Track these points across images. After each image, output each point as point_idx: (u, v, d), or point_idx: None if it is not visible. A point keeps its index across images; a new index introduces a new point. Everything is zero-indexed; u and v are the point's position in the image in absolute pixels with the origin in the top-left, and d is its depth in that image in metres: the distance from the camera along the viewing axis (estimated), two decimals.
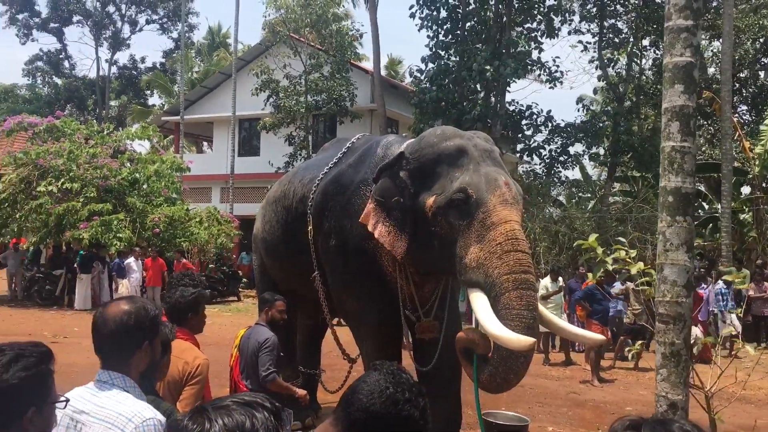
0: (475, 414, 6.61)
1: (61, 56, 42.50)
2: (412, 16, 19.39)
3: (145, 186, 18.45)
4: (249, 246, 21.05)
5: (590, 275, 8.30)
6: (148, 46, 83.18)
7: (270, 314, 5.19)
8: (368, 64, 26.59)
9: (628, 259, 4.08)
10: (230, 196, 23.46)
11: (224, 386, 7.87)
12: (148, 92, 41.74)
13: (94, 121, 26.34)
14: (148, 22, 42.00)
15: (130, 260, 15.61)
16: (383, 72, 24.79)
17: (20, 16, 40.44)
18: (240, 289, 19.88)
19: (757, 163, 16.95)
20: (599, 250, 4.18)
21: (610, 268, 4.36)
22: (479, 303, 4.21)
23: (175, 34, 41.27)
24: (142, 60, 42.82)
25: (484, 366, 4.19)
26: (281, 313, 5.23)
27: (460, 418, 5.52)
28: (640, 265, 4.13)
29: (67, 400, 1.89)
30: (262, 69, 22.05)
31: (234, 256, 22.00)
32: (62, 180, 16.88)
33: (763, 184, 18.19)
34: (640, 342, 8.26)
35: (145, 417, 1.97)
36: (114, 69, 42.15)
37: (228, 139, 24.51)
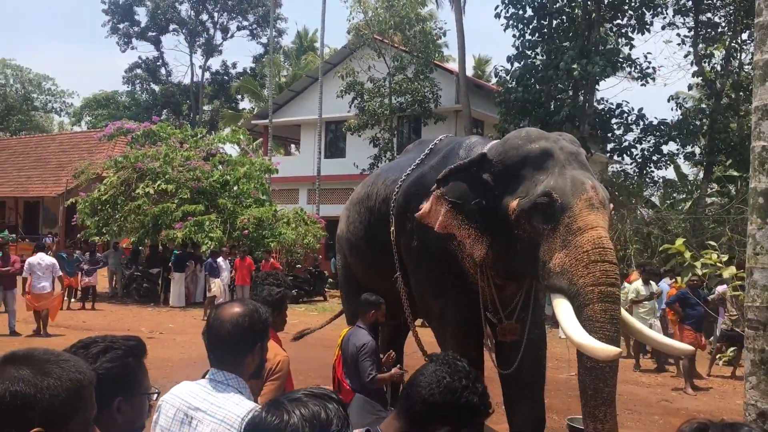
0: (561, 418, 6.51)
1: (158, 63, 44.61)
2: (498, 15, 19.18)
3: (235, 188, 19.09)
4: (334, 247, 21.50)
5: (679, 279, 7.96)
6: (239, 51, 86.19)
7: (373, 316, 5.22)
8: (453, 65, 26.51)
9: (719, 263, 3.91)
10: (317, 198, 23.90)
11: (303, 384, 8.07)
12: (239, 97, 43.18)
13: (188, 125, 27.48)
14: (238, 29, 43.51)
15: (219, 259, 16.20)
16: (470, 72, 24.66)
17: (121, 26, 42.65)
18: (326, 289, 20.22)
19: None
20: (687, 254, 4.02)
21: (700, 272, 4.19)
22: (563, 310, 4.18)
23: (264, 40, 42.55)
24: (233, 65, 44.38)
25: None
26: (384, 316, 5.30)
27: (544, 422, 5.43)
28: (732, 269, 3.96)
29: (158, 392, 1.95)
30: (347, 71, 22.35)
31: (320, 256, 22.42)
32: (158, 182, 17.70)
33: None
34: (733, 348, 7.84)
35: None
36: (207, 75, 43.91)
37: (314, 142, 25.00)
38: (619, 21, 19.30)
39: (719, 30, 19.77)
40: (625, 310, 4.57)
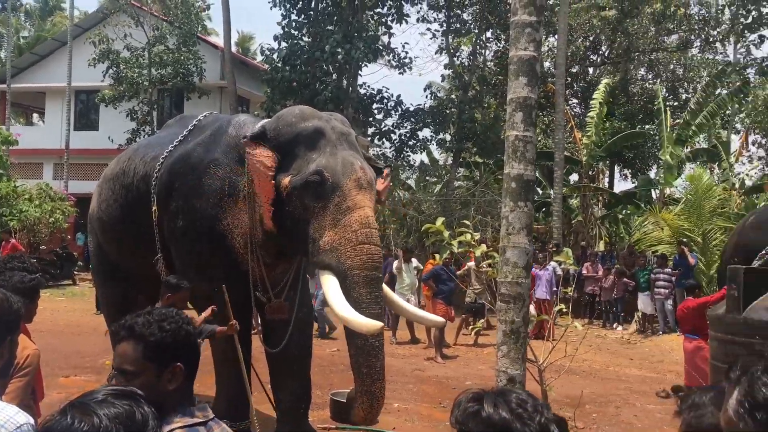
0: (324, 394, 6.69)
1: None
2: None
3: None
4: (85, 226, 19.91)
5: (437, 256, 8.70)
6: None
7: (169, 300, 4.82)
8: (217, 39, 25.77)
9: (473, 242, 4.29)
10: (65, 173, 21.88)
11: (57, 375, 7.41)
12: None
13: None
14: None
15: None
16: (234, 48, 24.09)
17: None
18: (75, 272, 18.65)
19: (584, 152, 18.35)
20: (446, 234, 4.36)
21: (456, 250, 4.57)
22: (331, 286, 4.36)
23: None
24: None
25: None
26: (185, 302, 4.92)
27: (309, 397, 5.57)
28: (483, 247, 4.38)
29: None
30: (100, 38, 20.66)
31: (68, 236, 20.60)
32: None
33: (590, 172, 19.76)
34: (481, 321, 8.69)
35: (18, 422, 1.77)
36: None
37: (62, 112, 22.81)
38: (379, 10, 20.12)
39: (467, 26, 21.52)
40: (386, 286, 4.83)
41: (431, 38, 21.75)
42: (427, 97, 22.01)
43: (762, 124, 20.12)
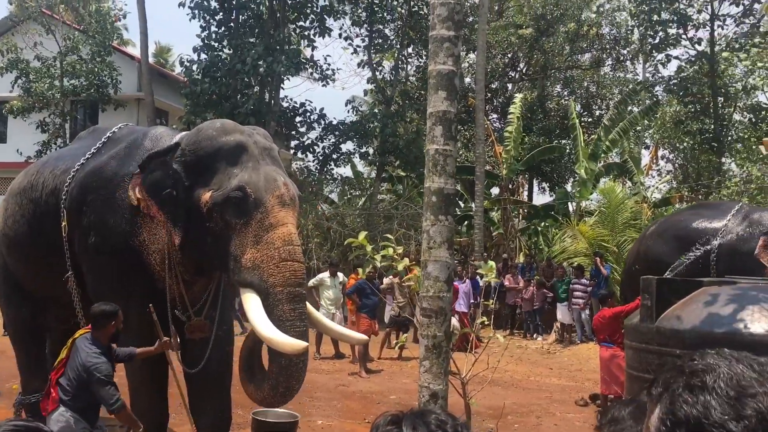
0: (246, 413, 6.52)
1: None
2: (182, 5, 18.59)
3: None
4: None
5: (360, 270, 8.70)
6: None
7: (113, 327, 4.50)
8: (133, 50, 25.08)
9: (395, 256, 4.29)
10: None
11: None
12: None
13: None
14: None
15: None
16: (151, 60, 23.50)
17: None
18: None
19: (504, 166, 18.77)
20: (368, 248, 4.34)
21: (379, 264, 4.56)
22: (253, 305, 4.31)
23: None
24: None
25: (261, 383, 4.31)
26: (122, 323, 4.61)
27: (230, 417, 5.44)
28: (406, 261, 4.37)
29: None
30: (8, 47, 19.75)
31: None
32: None
33: (510, 186, 20.23)
34: (405, 335, 8.70)
35: None
36: None
37: None
38: (302, 23, 20.07)
39: (389, 42, 21.73)
40: (309, 304, 4.77)
41: (353, 53, 21.84)
42: (349, 111, 22.04)
43: (670, 140, 21.11)
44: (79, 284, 5.20)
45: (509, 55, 24.06)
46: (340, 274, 11.81)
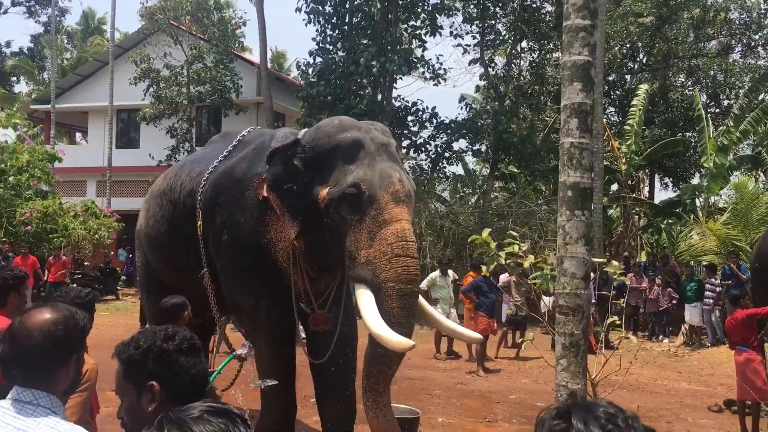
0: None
1: None
2: (299, 10, 19.16)
3: (11, 178, 17.17)
4: (127, 242, 20.24)
5: (483, 268, 8.59)
6: (14, 30, 77.44)
7: (188, 317, 4.81)
8: (252, 56, 26.08)
9: (521, 253, 4.22)
10: (107, 190, 22.31)
11: (104, 389, 7.48)
12: (14, 79, 38.91)
13: None
14: (14, 5, 39.08)
15: None
16: (268, 65, 24.37)
17: None
18: (118, 287, 18.96)
19: (623, 161, 18.07)
20: (492, 245, 4.29)
21: (504, 262, 4.50)
22: (365, 300, 4.33)
23: (44, 18, 38.73)
24: (7, 44, 39.81)
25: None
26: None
27: (355, 412, 5.51)
28: (531, 258, 4.29)
29: None
30: (141, 57, 21.09)
31: (111, 252, 20.97)
32: None
33: (629, 182, 19.44)
34: (531, 334, 8.46)
35: None
36: None
37: (105, 130, 23.32)
38: (413, 23, 20.16)
39: (501, 37, 21.41)
40: (425, 300, 4.79)
41: (464, 53, 21.66)
42: (462, 108, 21.90)
43: None
44: (213, 280, 5.46)
45: (628, 46, 23.13)
46: (451, 272, 11.77)
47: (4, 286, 3.50)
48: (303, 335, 5.52)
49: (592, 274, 11.78)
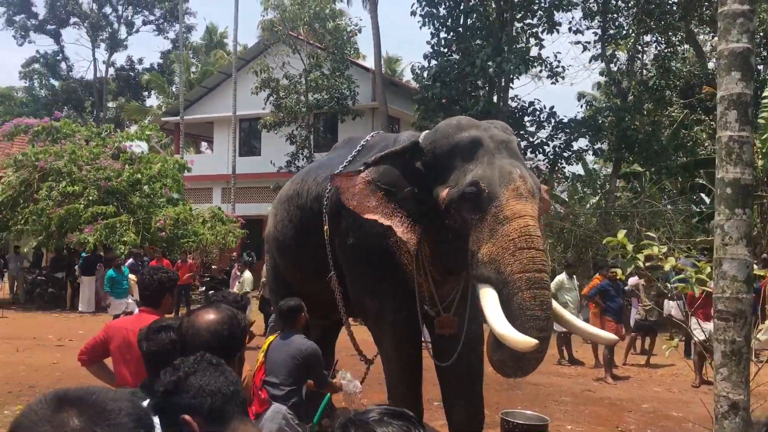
0: (492, 413, 6.54)
1: (58, 58, 42.39)
2: (413, 14, 19.29)
3: (146, 187, 18.33)
4: (250, 246, 21.08)
5: (618, 271, 8.18)
6: (146, 47, 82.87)
7: (304, 318, 5.03)
8: (365, 62, 26.47)
9: (660, 255, 3.98)
10: (232, 196, 23.35)
11: None
12: (146, 93, 41.63)
13: (93, 122, 26.18)
14: (144, 23, 41.93)
15: (129, 262, 15.55)
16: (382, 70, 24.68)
17: (17, 18, 40.29)
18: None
19: (759, 156, 16.84)
20: (629, 247, 4.07)
21: (642, 265, 4.26)
22: (488, 300, 4.15)
23: (171, 35, 41.25)
24: (140, 61, 42.69)
25: (498, 349, 4.11)
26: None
27: (483, 417, 5.41)
28: (672, 260, 4.04)
29: None
30: (261, 68, 21.93)
31: (235, 255, 21.90)
32: (63, 183, 16.73)
33: (766, 179, 18.10)
34: (678, 339, 7.98)
35: None
36: (111, 71, 42.07)
37: (228, 139, 24.43)
38: (530, 21, 19.78)
39: (623, 31, 20.56)
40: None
41: (582, 51, 20.98)
42: (581, 106, 21.23)
43: None
44: (340, 283, 5.55)
45: (761, 34, 21.59)
46: (574, 276, 11.40)
47: (161, 288, 3.72)
48: (428, 338, 5.50)
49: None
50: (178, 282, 14.38)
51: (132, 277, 13.33)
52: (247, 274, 13.95)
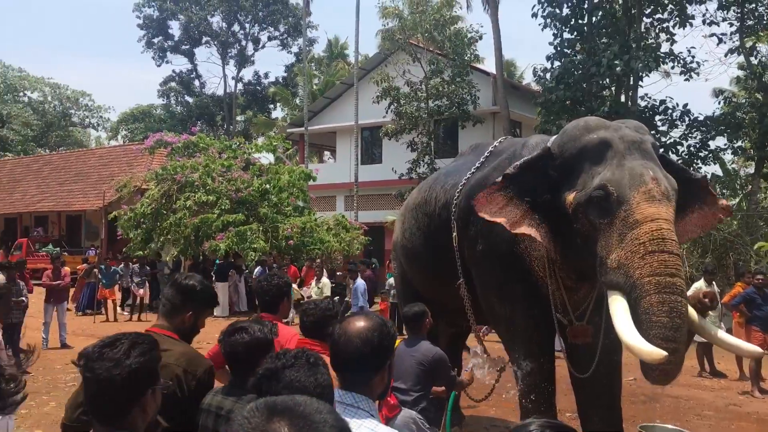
0: (628, 426, 6.26)
1: (192, 76, 45.15)
2: (534, 15, 18.93)
3: (273, 197, 19.09)
4: (374, 253, 21.41)
5: None
6: (270, 61, 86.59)
7: (429, 324, 5.11)
8: (484, 66, 26.24)
9: None
10: (355, 204, 23.83)
11: None
12: (272, 106, 43.47)
13: (225, 136, 27.59)
14: (270, 39, 43.86)
15: (257, 269, 16.23)
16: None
17: (155, 40, 43.26)
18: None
19: None
20: None
21: None
22: (616, 306, 3.98)
23: (295, 49, 42.88)
24: (266, 75, 44.69)
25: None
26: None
27: (621, 429, 5.19)
28: None
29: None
30: (382, 77, 22.26)
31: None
32: (198, 193, 17.77)
33: None
34: None
35: None
36: (240, 85, 44.29)
37: (350, 148, 24.96)
38: (660, 15, 18.89)
39: (765, 22, 19.19)
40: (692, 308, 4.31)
41: (718, 44, 19.71)
42: (719, 102, 19.98)
43: None
44: (469, 290, 5.51)
45: None
46: (714, 283, 10.72)
47: (279, 294, 3.88)
48: (561, 347, 5.35)
49: None
50: (305, 287, 14.78)
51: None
52: (325, 280, 14.10)
